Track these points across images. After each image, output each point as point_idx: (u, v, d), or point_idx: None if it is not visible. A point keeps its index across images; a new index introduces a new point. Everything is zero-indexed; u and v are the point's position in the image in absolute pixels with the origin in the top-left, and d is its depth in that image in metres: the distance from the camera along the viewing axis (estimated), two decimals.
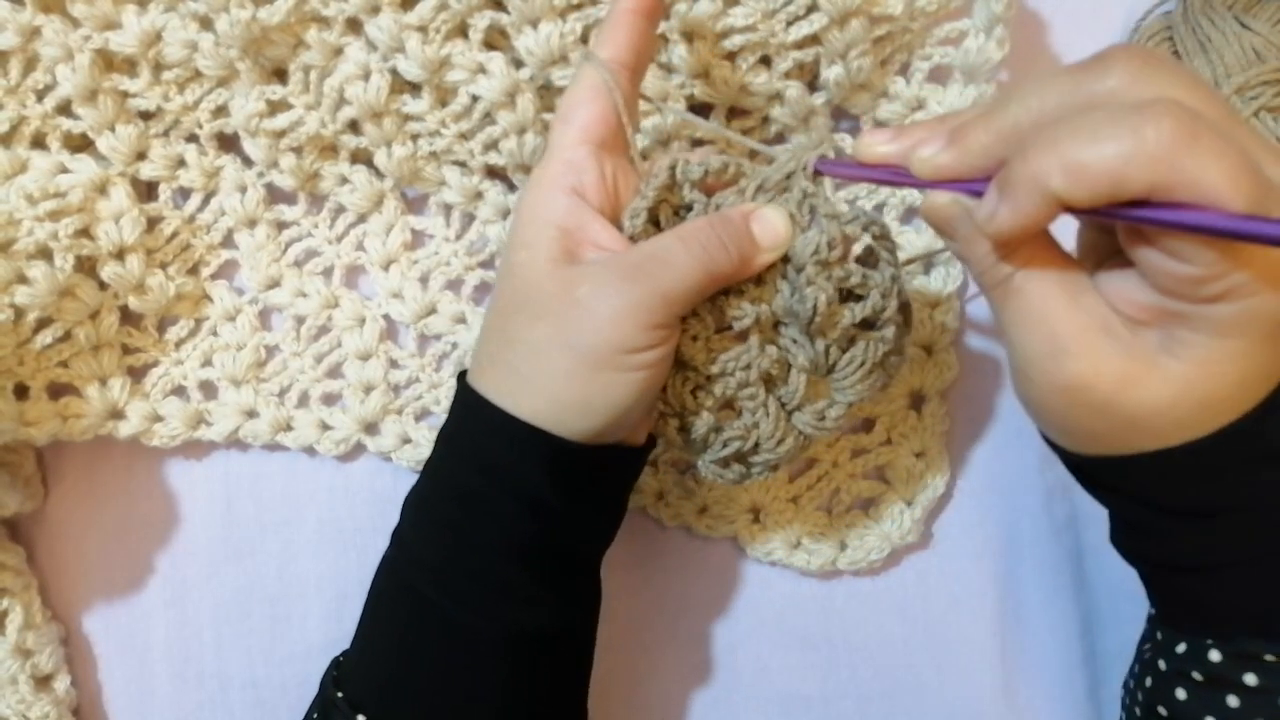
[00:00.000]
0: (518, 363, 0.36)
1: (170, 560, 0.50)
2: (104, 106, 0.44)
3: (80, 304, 0.45)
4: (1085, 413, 0.31)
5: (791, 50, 0.44)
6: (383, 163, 0.46)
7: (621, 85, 0.38)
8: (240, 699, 0.49)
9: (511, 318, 0.37)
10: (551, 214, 0.37)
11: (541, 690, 0.39)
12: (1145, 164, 0.27)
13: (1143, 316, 0.30)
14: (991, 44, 0.44)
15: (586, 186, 0.37)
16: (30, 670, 0.47)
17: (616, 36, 0.38)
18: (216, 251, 0.48)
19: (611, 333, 0.35)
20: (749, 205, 0.38)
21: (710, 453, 0.39)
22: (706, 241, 0.36)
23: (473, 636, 0.37)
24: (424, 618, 0.38)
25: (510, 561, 0.37)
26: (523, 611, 0.37)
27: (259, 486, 0.49)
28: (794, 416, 0.39)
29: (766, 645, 0.50)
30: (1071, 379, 0.31)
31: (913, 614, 0.50)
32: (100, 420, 0.47)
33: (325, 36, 0.43)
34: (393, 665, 0.38)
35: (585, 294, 0.35)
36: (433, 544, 0.38)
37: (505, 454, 0.37)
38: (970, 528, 0.50)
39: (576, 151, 0.37)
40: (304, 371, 0.49)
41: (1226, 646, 0.33)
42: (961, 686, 0.50)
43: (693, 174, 0.38)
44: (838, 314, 0.37)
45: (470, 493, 0.37)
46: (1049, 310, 0.31)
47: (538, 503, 0.37)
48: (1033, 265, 0.31)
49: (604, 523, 0.40)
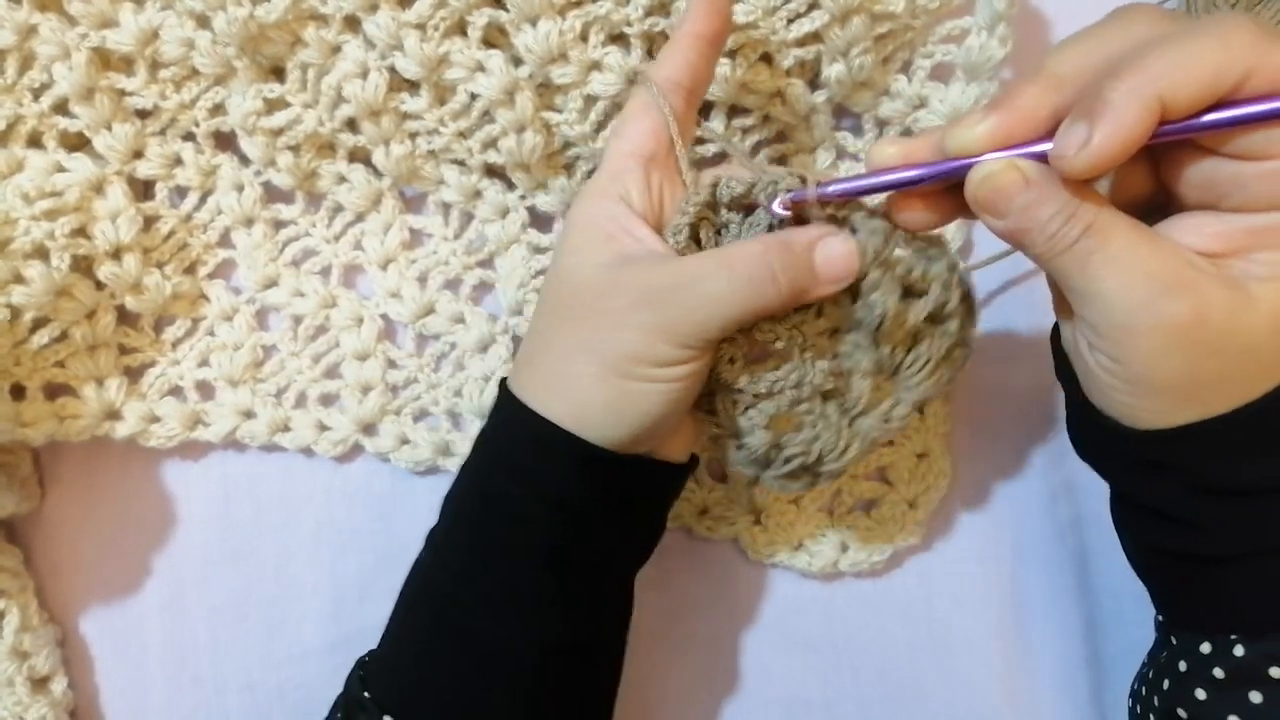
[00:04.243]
0: (550, 364, 0.37)
1: (167, 562, 0.49)
2: (100, 105, 0.44)
3: (77, 304, 0.45)
4: (1199, 355, 0.30)
5: (792, 48, 0.44)
6: (381, 161, 0.46)
7: (675, 104, 0.38)
8: (237, 701, 0.49)
9: (550, 321, 0.37)
10: (596, 220, 0.37)
11: (565, 700, 0.39)
12: (1239, 55, 0.28)
13: (1216, 249, 0.31)
14: (994, 42, 0.44)
15: (632, 197, 0.37)
16: (27, 672, 0.46)
17: (675, 57, 0.38)
18: (213, 251, 0.48)
19: (638, 346, 0.35)
20: (814, 231, 0.35)
21: (774, 469, 0.38)
22: (754, 273, 0.34)
23: (497, 645, 0.37)
24: (449, 623, 0.38)
25: (536, 566, 0.37)
26: (548, 620, 0.37)
27: (256, 488, 0.49)
28: (858, 421, 0.38)
29: (768, 648, 0.50)
30: (1184, 316, 0.30)
31: (915, 616, 0.50)
32: (97, 421, 0.47)
33: (323, 34, 0.43)
34: (419, 668, 0.38)
35: (618, 306, 0.35)
36: (460, 546, 0.38)
37: (535, 456, 0.37)
38: (973, 529, 0.50)
39: (624, 163, 0.37)
40: (301, 372, 0.48)
41: (1254, 641, 0.32)
42: (964, 689, 0.49)
43: (730, 192, 0.37)
44: (903, 314, 0.36)
45: (498, 494, 0.37)
46: (1139, 254, 0.30)
47: (565, 506, 0.36)
48: (1104, 217, 0.31)
49: (637, 535, 0.40)
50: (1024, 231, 0.32)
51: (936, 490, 0.49)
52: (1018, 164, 0.31)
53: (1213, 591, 0.34)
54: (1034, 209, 0.31)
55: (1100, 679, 0.49)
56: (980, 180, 0.32)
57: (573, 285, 0.36)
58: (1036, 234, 0.31)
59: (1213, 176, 0.31)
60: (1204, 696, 0.33)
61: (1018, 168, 0.31)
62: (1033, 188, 0.31)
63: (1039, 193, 0.31)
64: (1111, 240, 0.30)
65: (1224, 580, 0.33)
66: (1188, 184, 0.32)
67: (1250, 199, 0.30)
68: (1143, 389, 0.32)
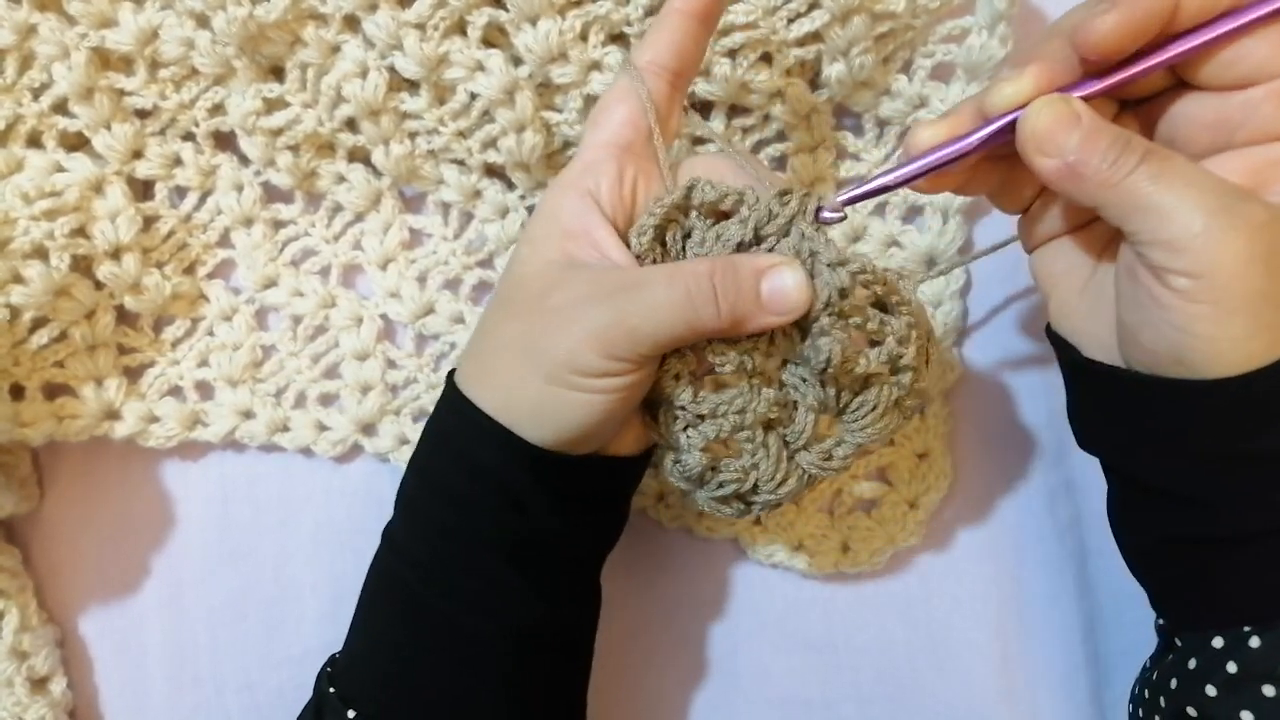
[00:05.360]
0: (487, 356, 0.36)
1: (166, 562, 0.49)
2: (100, 105, 0.44)
3: (76, 303, 0.45)
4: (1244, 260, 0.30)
5: (793, 47, 0.44)
6: (380, 161, 0.46)
7: (658, 89, 0.36)
8: (236, 701, 0.49)
9: (494, 311, 0.37)
10: (559, 213, 0.36)
11: (536, 688, 0.39)
12: None
13: (1244, 185, 0.31)
14: (994, 41, 0.44)
15: (601, 191, 0.36)
16: (26, 672, 0.46)
17: (660, 38, 0.36)
18: (213, 251, 0.48)
19: (568, 352, 0.33)
20: (765, 259, 0.34)
21: (707, 490, 0.37)
22: (695, 290, 0.33)
23: (466, 632, 0.37)
24: (416, 614, 0.38)
25: (499, 559, 0.37)
26: (515, 608, 0.37)
27: (255, 488, 0.49)
28: (798, 455, 0.37)
29: (768, 648, 0.50)
30: (1261, 216, 0.30)
31: (915, 616, 0.50)
32: (96, 421, 0.47)
33: (322, 34, 0.43)
34: (385, 661, 0.38)
35: (556, 304, 0.34)
36: (422, 541, 0.38)
37: (485, 452, 0.36)
38: (973, 529, 0.50)
39: (596, 154, 0.36)
40: (301, 372, 0.48)
41: (1269, 631, 0.32)
42: (964, 689, 0.49)
43: (704, 197, 0.36)
44: (852, 361, 0.34)
45: (449, 487, 0.37)
46: (1201, 172, 0.31)
47: (513, 499, 0.36)
48: (1153, 145, 0.31)
49: (597, 525, 0.40)
50: (1083, 163, 0.32)
51: (937, 490, 0.48)
52: (1070, 100, 0.32)
53: (1225, 580, 0.34)
54: (1093, 138, 0.32)
55: (1100, 679, 0.49)
56: (1037, 115, 0.32)
57: (520, 276, 0.36)
58: (1098, 162, 0.32)
59: (1222, 111, 0.32)
60: (1215, 693, 0.33)
61: (1070, 102, 0.32)
62: (1089, 118, 0.32)
63: (1095, 123, 0.32)
64: (1173, 160, 0.31)
65: (1238, 565, 0.33)
66: (1200, 126, 0.33)
67: (1263, 125, 0.31)
68: (1226, 307, 0.30)
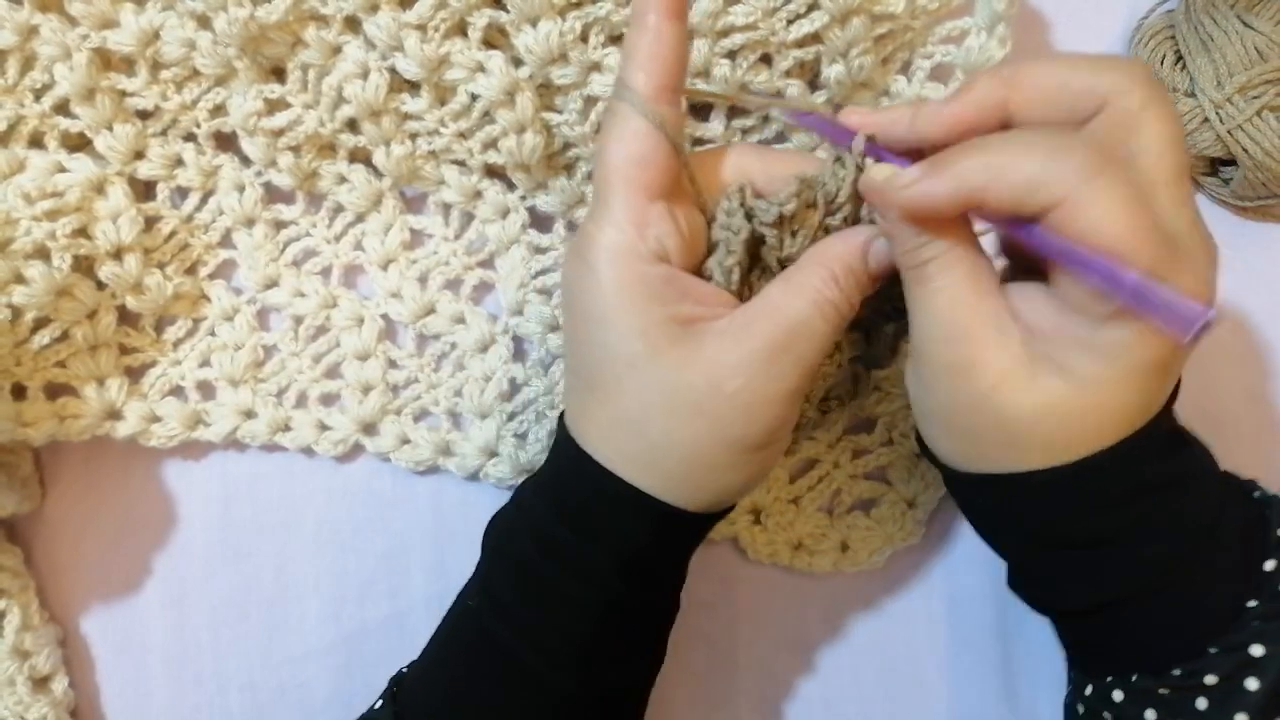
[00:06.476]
0: (666, 462, 0.35)
1: (168, 561, 0.49)
2: (102, 105, 0.44)
3: (78, 304, 0.45)
4: (964, 402, 0.32)
5: (792, 49, 0.44)
6: (381, 162, 0.46)
7: (670, 117, 0.34)
8: (238, 701, 0.49)
9: (651, 413, 0.34)
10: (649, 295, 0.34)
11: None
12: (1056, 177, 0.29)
13: (1042, 330, 0.32)
14: (993, 42, 0.44)
15: (669, 250, 0.34)
16: (28, 672, 0.46)
17: (651, 58, 0.34)
18: (214, 251, 0.48)
19: (771, 419, 0.34)
20: (855, 239, 0.35)
21: None
22: (839, 301, 0.35)
23: (561, 694, 0.36)
24: (504, 669, 0.37)
25: (592, 619, 0.36)
26: (611, 670, 0.37)
27: (257, 488, 0.49)
28: None
29: (768, 648, 0.50)
30: (959, 360, 0.32)
31: (915, 616, 0.50)
32: (98, 420, 0.47)
33: (323, 35, 0.43)
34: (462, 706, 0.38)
35: (738, 388, 0.33)
36: (522, 595, 0.37)
37: (607, 513, 0.35)
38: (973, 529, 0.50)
39: (645, 214, 0.34)
40: (302, 371, 0.48)
41: (1126, 685, 0.34)
42: (964, 689, 0.49)
43: (767, 216, 0.36)
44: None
45: (560, 543, 0.36)
46: (956, 297, 0.32)
47: (633, 563, 0.36)
48: (950, 256, 0.32)
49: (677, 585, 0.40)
50: (891, 236, 0.34)
51: (936, 490, 0.49)
52: (898, 174, 0.33)
53: (1083, 639, 0.36)
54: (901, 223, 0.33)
55: None
56: (868, 179, 0.34)
57: (664, 377, 0.34)
58: (898, 244, 0.33)
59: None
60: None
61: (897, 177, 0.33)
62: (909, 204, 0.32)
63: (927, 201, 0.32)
64: (942, 277, 0.32)
65: (1088, 628, 0.35)
66: None
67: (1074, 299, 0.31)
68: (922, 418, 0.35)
